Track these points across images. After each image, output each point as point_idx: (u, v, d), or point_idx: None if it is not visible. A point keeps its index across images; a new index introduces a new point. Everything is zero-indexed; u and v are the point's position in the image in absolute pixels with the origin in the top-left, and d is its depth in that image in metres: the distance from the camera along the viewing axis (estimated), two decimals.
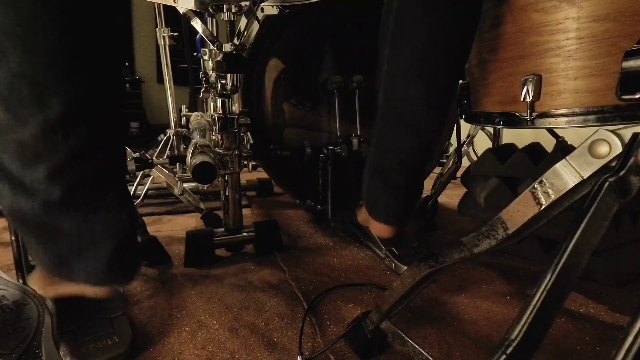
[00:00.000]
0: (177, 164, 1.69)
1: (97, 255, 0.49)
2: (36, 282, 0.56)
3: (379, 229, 0.82)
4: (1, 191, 0.46)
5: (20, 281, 0.61)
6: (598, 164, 0.28)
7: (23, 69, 0.39)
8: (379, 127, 0.76)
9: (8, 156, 0.43)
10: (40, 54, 0.40)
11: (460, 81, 0.73)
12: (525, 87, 0.57)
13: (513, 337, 0.29)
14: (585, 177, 0.29)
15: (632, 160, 0.26)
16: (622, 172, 0.27)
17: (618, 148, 0.28)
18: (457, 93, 0.73)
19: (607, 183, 0.27)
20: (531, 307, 0.29)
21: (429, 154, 0.77)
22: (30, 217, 0.47)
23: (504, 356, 0.29)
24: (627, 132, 0.27)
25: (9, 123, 0.41)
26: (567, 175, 0.30)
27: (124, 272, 0.53)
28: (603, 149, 0.28)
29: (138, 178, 1.35)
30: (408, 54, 0.67)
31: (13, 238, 0.61)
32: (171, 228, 1.17)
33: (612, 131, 0.28)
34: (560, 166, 0.31)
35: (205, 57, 0.91)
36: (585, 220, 0.28)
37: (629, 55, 0.33)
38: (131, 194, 1.24)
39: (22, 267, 0.61)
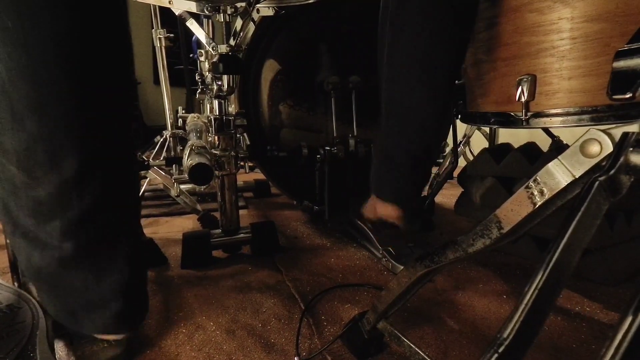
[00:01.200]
0: (174, 166, 1.67)
1: (105, 312, 0.51)
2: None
3: (388, 211, 0.82)
4: (18, 246, 0.48)
5: (16, 284, 0.61)
6: (589, 164, 0.29)
7: (39, 132, 0.41)
8: (384, 119, 0.77)
9: (24, 213, 0.45)
10: (55, 118, 0.42)
11: (457, 81, 0.74)
12: (520, 87, 0.57)
13: (505, 335, 0.29)
14: (577, 177, 0.29)
15: (622, 159, 0.27)
16: (612, 171, 0.27)
17: (609, 147, 0.28)
18: (459, 77, 0.74)
19: (598, 182, 0.27)
20: (523, 306, 0.29)
21: (435, 138, 0.78)
22: (44, 271, 0.48)
23: (496, 355, 0.30)
24: (618, 132, 0.28)
25: (24, 182, 0.43)
26: (559, 174, 0.30)
27: (131, 324, 0.55)
28: (594, 148, 0.28)
29: None
30: (408, 44, 0.68)
31: (8, 241, 0.60)
32: (168, 230, 1.17)
33: (603, 131, 0.28)
34: (552, 165, 0.31)
35: (202, 59, 0.91)
36: (576, 219, 0.28)
37: (620, 55, 0.34)
38: None
39: (18, 270, 0.61)
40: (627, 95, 0.32)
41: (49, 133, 0.42)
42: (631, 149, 0.26)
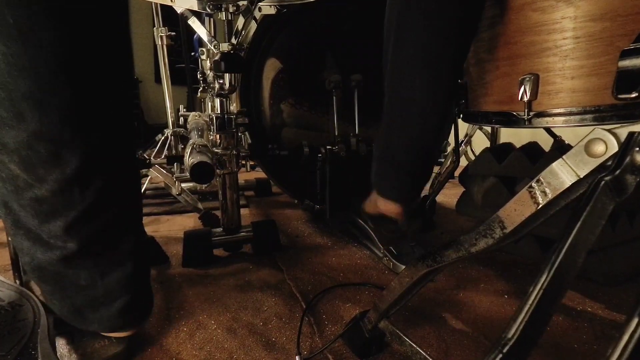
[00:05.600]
0: (175, 164, 1.68)
1: (110, 308, 0.51)
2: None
3: (388, 208, 0.82)
4: (22, 246, 0.48)
5: (17, 282, 0.61)
6: (594, 163, 0.28)
7: (40, 128, 0.41)
8: (387, 115, 0.77)
9: (26, 213, 0.45)
10: (56, 113, 0.41)
11: (459, 81, 0.74)
12: (523, 86, 0.57)
13: (510, 335, 0.29)
14: (581, 176, 0.29)
15: (627, 159, 0.26)
16: (617, 171, 0.27)
17: (614, 147, 0.28)
18: (461, 76, 0.74)
19: (603, 182, 0.27)
20: (527, 306, 0.29)
21: (436, 137, 0.78)
22: (48, 270, 0.48)
23: (500, 355, 0.30)
24: (623, 132, 0.27)
25: (27, 181, 0.43)
26: (563, 174, 0.30)
27: (136, 320, 0.55)
28: (599, 148, 0.28)
29: None
30: (413, 40, 0.68)
31: (10, 239, 0.60)
32: (169, 228, 1.17)
33: (609, 130, 0.28)
34: (556, 165, 0.31)
35: (203, 57, 0.90)
36: (581, 219, 0.28)
37: (625, 54, 0.33)
38: None
39: (19, 268, 0.61)
40: (633, 95, 0.32)
41: (51, 130, 0.41)
42: (637, 148, 0.26)
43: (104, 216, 0.48)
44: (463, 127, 1.58)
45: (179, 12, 0.94)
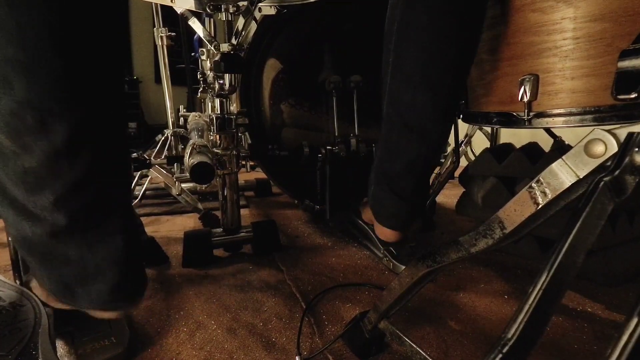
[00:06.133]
0: (175, 164, 1.68)
1: (101, 284, 0.50)
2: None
3: (385, 234, 0.82)
4: (7, 218, 0.46)
5: (17, 282, 0.61)
6: (594, 164, 0.29)
7: (27, 96, 0.40)
8: (385, 134, 0.76)
9: (13, 183, 0.44)
10: (44, 81, 0.40)
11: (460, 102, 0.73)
12: (523, 87, 0.57)
13: (509, 336, 0.29)
14: (581, 177, 0.29)
15: (627, 159, 0.27)
16: (617, 172, 0.27)
17: (614, 148, 0.28)
18: (461, 97, 0.73)
19: (603, 182, 0.27)
20: (527, 306, 0.29)
21: (435, 159, 0.77)
22: (35, 244, 0.47)
23: (500, 355, 0.30)
24: (623, 132, 0.27)
25: (13, 150, 0.42)
26: (563, 174, 0.30)
27: (128, 298, 0.54)
28: (599, 148, 0.28)
29: (136, 178, 1.34)
30: (412, 60, 0.67)
31: (10, 239, 0.60)
32: (169, 228, 1.17)
33: (608, 131, 0.28)
34: (556, 166, 0.31)
35: (203, 57, 0.90)
36: (581, 219, 0.28)
37: (625, 55, 0.33)
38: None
39: (19, 268, 0.61)
40: (632, 96, 0.32)
41: (38, 98, 0.40)
42: (637, 149, 0.26)
43: (93, 189, 0.46)
44: (463, 127, 1.58)
45: (179, 12, 0.94)
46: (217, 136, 0.89)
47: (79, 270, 0.48)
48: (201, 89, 1.23)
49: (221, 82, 0.84)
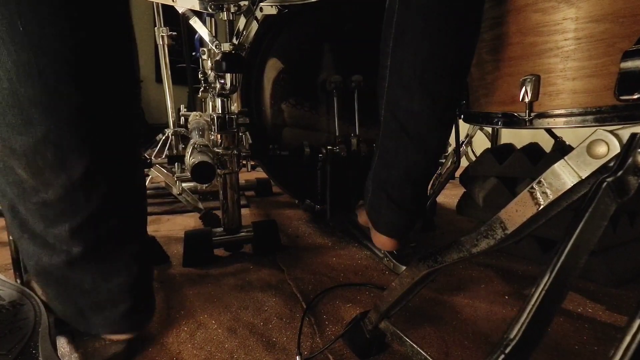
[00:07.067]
0: (176, 164, 1.68)
1: (114, 312, 0.51)
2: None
3: (383, 242, 0.82)
4: (27, 250, 0.48)
5: (18, 281, 0.61)
6: (596, 164, 0.28)
7: (48, 134, 0.42)
8: (383, 141, 0.75)
9: (32, 217, 0.46)
10: (63, 119, 0.42)
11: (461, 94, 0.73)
12: (524, 87, 0.57)
13: (512, 336, 0.29)
14: (583, 177, 0.29)
15: (630, 160, 0.26)
16: (620, 173, 0.27)
17: (616, 148, 0.28)
18: (460, 103, 0.73)
19: (605, 183, 0.27)
20: (530, 307, 0.29)
21: (433, 166, 0.77)
22: (52, 273, 0.49)
23: (502, 355, 0.30)
24: (625, 133, 0.27)
25: (33, 186, 0.44)
26: (565, 175, 0.30)
27: (137, 324, 0.56)
28: (601, 149, 0.28)
29: None
30: (410, 66, 0.66)
31: (11, 238, 0.60)
32: (170, 228, 1.17)
33: (610, 131, 0.28)
34: (558, 166, 0.31)
35: (204, 57, 0.90)
36: (584, 220, 0.28)
37: (628, 55, 0.33)
38: None
39: (20, 267, 0.61)
40: (635, 96, 0.32)
41: (58, 134, 0.42)
42: (639, 150, 0.26)
43: (109, 221, 0.48)
44: (464, 127, 1.58)
45: (180, 12, 0.94)
46: (218, 136, 0.89)
47: (93, 299, 0.50)
48: (202, 88, 1.23)
49: (222, 81, 0.84)
